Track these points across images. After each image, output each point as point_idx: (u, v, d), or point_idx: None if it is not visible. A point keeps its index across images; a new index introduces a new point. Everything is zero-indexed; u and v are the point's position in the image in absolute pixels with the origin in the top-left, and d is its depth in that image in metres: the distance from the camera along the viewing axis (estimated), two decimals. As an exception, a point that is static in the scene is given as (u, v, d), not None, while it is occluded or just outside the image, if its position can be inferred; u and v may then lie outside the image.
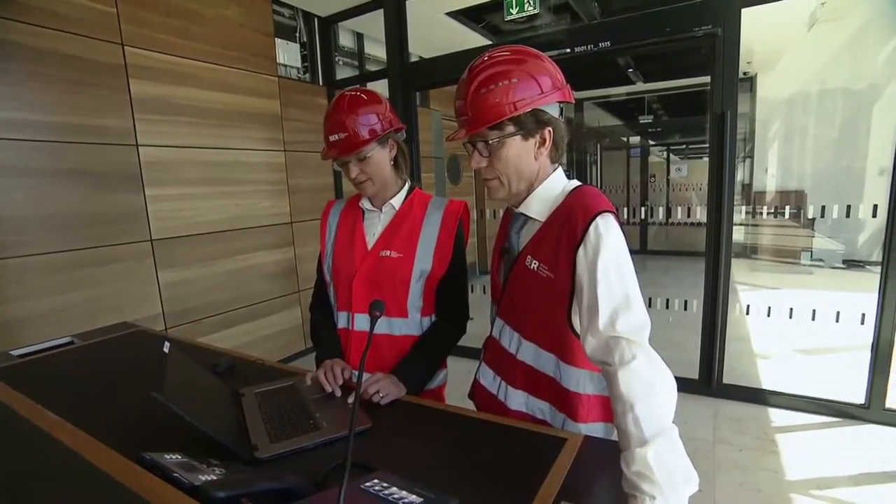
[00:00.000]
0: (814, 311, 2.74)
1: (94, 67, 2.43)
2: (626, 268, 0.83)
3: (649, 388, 0.72)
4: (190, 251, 2.92)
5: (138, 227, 2.65)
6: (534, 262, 0.93)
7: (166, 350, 0.92)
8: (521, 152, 0.92)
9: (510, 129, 0.89)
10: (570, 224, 0.88)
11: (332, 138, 1.18)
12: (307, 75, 3.85)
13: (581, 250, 0.85)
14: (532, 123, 0.90)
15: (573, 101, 0.94)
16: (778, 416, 2.59)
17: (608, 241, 0.83)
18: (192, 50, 2.88)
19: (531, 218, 0.98)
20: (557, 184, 0.97)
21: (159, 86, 2.72)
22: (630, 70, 5.91)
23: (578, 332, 0.90)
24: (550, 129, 0.91)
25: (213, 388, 1.03)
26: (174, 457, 0.68)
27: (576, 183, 0.97)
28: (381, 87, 3.52)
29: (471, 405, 1.13)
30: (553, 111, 0.91)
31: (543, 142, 0.92)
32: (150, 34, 2.67)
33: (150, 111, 2.67)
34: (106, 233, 2.51)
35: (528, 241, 0.97)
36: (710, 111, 2.57)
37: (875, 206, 2.61)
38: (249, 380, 1.19)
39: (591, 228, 0.84)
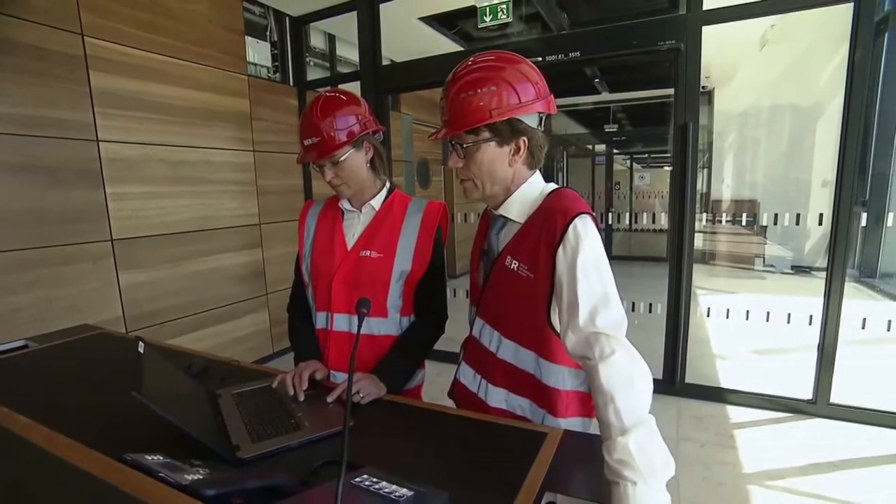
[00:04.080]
0: (768, 313, 2.90)
1: (51, 57, 2.32)
2: (603, 267, 0.87)
3: (628, 381, 0.75)
4: (153, 252, 2.81)
5: (98, 226, 2.53)
6: (514, 262, 0.96)
7: (141, 350, 0.89)
8: (495, 158, 0.94)
9: (485, 134, 0.92)
10: (549, 225, 0.91)
11: (305, 142, 1.17)
12: (277, 75, 3.79)
13: (560, 250, 0.88)
14: (507, 132, 0.92)
15: (554, 112, 0.96)
16: (736, 412, 2.72)
17: (586, 241, 0.87)
18: (158, 44, 2.79)
19: (510, 220, 1.00)
20: (535, 187, 1.00)
21: (122, 79, 2.61)
22: (596, 80, 6.10)
23: (558, 329, 0.93)
24: (525, 138, 0.93)
25: (189, 389, 1.00)
26: (156, 457, 0.67)
27: (553, 186, 1.01)
28: (353, 89, 3.50)
29: (448, 403, 1.14)
30: (531, 121, 0.93)
31: (518, 150, 0.94)
32: (114, 25, 2.56)
33: (111, 105, 2.56)
34: (62, 231, 2.38)
35: (507, 242, 0.99)
36: (673, 121, 2.69)
37: (821, 215, 2.81)
38: (225, 381, 1.16)
39: (570, 229, 0.88)
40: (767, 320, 2.91)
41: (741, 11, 2.50)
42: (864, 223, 2.67)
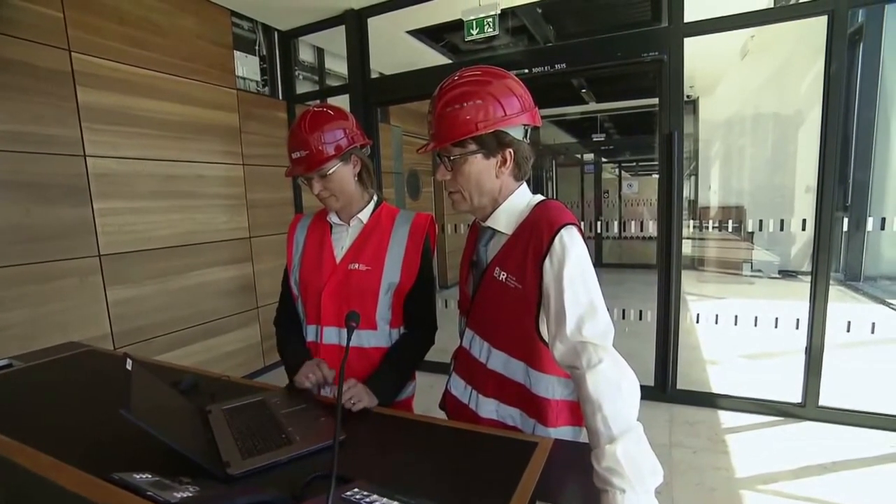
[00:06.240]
0: (756, 318, 2.94)
1: (38, 73, 2.31)
2: (589, 276, 0.88)
3: (616, 389, 0.76)
4: (142, 267, 2.78)
5: (85, 241, 2.51)
6: (502, 273, 0.97)
7: (129, 367, 0.88)
8: (482, 170, 0.96)
9: (472, 147, 0.94)
10: (536, 236, 0.92)
11: (294, 156, 1.19)
12: (266, 89, 3.80)
13: (547, 261, 0.90)
14: (493, 144, 0.94)
15: (539, 125, 0.99)
16: (727, 417, 2.74)
17: (573, 251, 0.88)
18: (146, 59, 2.79)
19: (498, 231, 1.02)
20: (522, 199, 1.01)
21: (110, 95, 2.61)
22: (583, 90, 6.20)
23: (546, 339, 0.94)
24: (511, 150, 0.95)
25: (179, 406, 0.99)
26: (144, 476, 0.66)
27: (540, 197, 1.02)
28: (342, 102, 3.52)
29: (440, 415, 1.14)
30: (516, 133, 0.95)
31: (505, 161, 0.96)
32: (101, 41, 2.57)
33: (99, 121, 2.55)
34: (48, 248, 2.36)
35: (495, 253, 1.00)
36: (658, 130, 2.74)
37: (804, 221, 2.86)
38: (215, 397, 1.15)
39: (557, 240, 0.89)
40: (756, 325, 2.94)
41: (720, 24, 2.57)
42: (846, 228, 2.70)
